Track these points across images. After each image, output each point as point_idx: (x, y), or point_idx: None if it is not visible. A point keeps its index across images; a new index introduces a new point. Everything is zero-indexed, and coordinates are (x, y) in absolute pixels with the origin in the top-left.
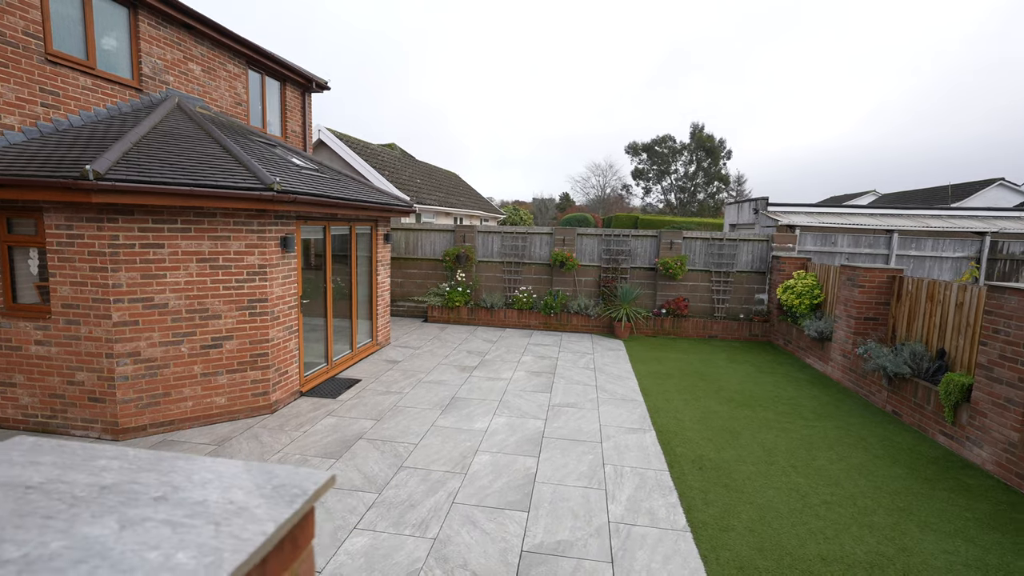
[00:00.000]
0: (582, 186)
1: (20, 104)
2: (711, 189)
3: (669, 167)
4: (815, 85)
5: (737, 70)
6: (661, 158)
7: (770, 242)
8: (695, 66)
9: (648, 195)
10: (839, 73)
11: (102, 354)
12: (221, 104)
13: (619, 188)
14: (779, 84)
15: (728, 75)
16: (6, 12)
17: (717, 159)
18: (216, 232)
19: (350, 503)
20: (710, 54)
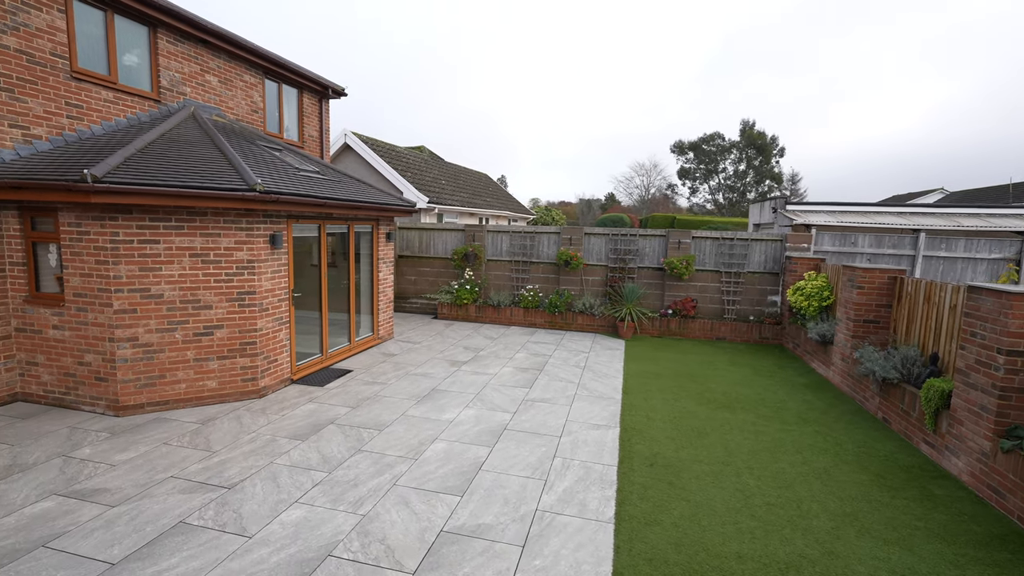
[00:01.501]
0: (625, 186)
1: (48, 117)
2: (762, 188)
3: (717, 166)
4: (882, 76)
5: (794, 63)
6: (708, 157)
7: (784, 242)
8: (747, 60)
9: (694, 195)
10: (908, 63)
11: (105, 338)
12: (237, 112)
13: (664, 188)
14: (842, 76)
15: (784, 68)
16: (36, 36)
17: (769, 157)
18: (207, 229)
19: (299, 480)
20: (764, 47)
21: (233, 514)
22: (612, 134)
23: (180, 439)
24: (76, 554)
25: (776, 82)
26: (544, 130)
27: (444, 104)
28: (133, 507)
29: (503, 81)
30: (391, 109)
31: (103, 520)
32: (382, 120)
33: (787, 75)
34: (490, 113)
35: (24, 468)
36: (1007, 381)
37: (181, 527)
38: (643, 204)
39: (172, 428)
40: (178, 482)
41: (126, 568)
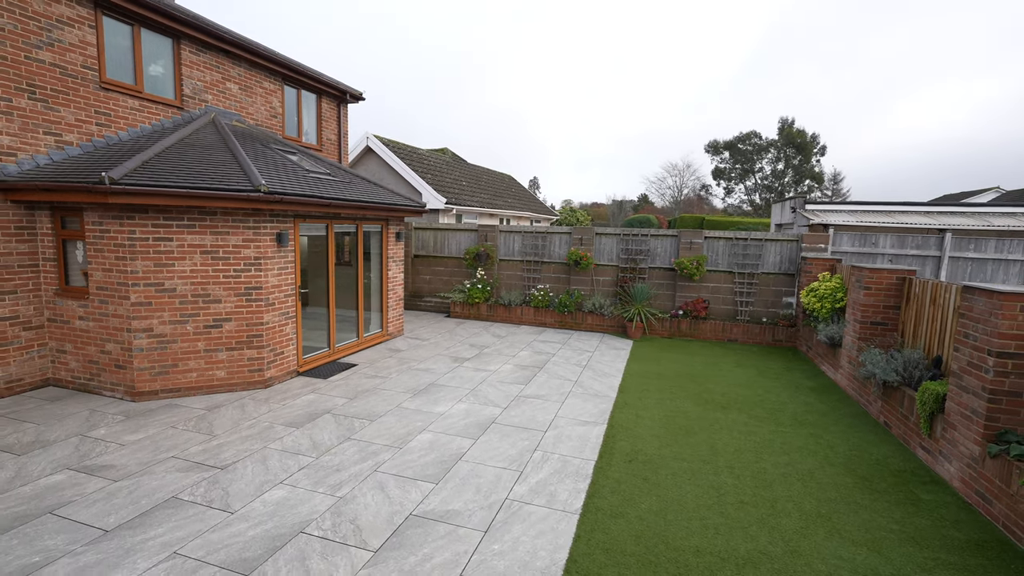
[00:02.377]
0: (657, 187)
1: (78, 124)
2: (801, 188)
3: (753, 166)
4: (934, 69)
5: (840, 57)
6: (744, 156)
7: (799, 242)
8: (788, 55)
9: (730, 196)
10: (959, 57)
11: (124, 329)
12: (257, 117)
13: (698, 189)
14: (890, 71)
15: (828, 63)
16: (68, 51)
17: (809, 156)
18: (217, 228)
19: (287, 463)
20: (807, 41)
21: (221, 492)
22: (645, 133)
23: (186, 423)
24: (76, 521)
25: (819, 78)
26: (576, 130)
27: (475, 105)
28: (133, 482)
29: (533, 80)
30: (424, 112)
31: (105, 493)
32: (415, 123)
33: (832, 70)
34: (521, 113)
35: (45, 444)
36: (996, 384)
37: (172, 501)
38: (676, 205)
39: (180, 413)
40: (177, 462)
41: (117, 535)
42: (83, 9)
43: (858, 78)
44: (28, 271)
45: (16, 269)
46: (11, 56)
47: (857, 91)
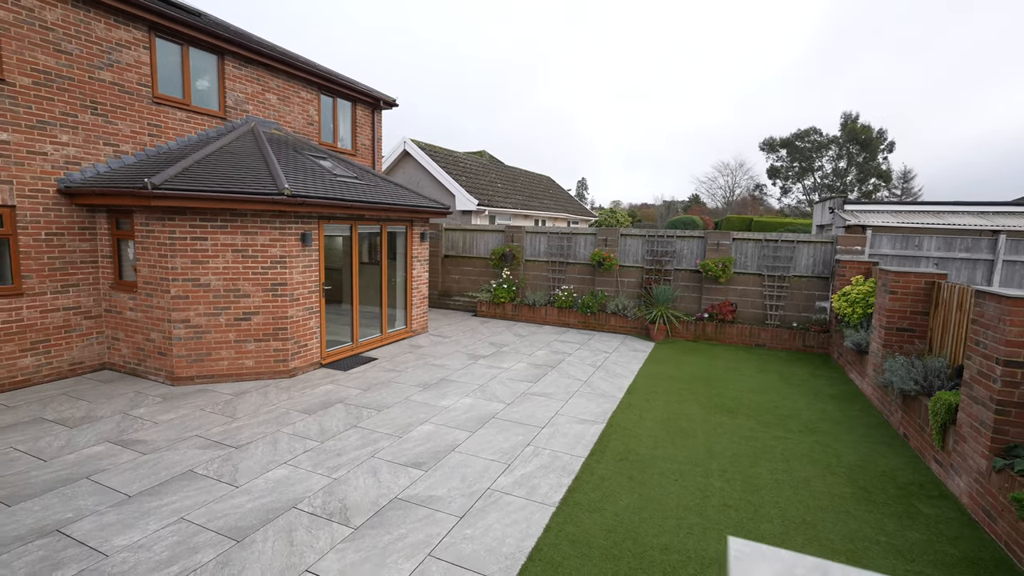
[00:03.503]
0: (708, 187)
1: (133, 136)
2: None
3: (812, 164)
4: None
5: (913, 45)
6: (802, 154)
7: (834, 244)
8: (853, 47)
9: (786, 195)
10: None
11: (165, 320)
12: (294, 125)
13: (751, 188)
14: (969, 61)
15: (898, 54)
16: (126, 71)
17: (875, 153)
18: (247, 228)
19: (294, 446)
20: (874, 31)
21: (231, 468)
22: (697, 132)
23: (213, 407)
24: (106, 486)
25: (888, 69)
26: (626, 129)
27: (523, 107)
28: (159, 456)
29: (583, 81)
30: (471, 116)
31: (134, 464)
32: (462, 127)
33: (904, 60)
34: (571, 114)
35: (93, 420)
36: (1004, 394)
37: (188, 474)
38: (728, 206)
39: (210, 398)
40: (199, 440)
41: (137, 500)
42: (139, 32)
43: (934, 69)
44: (89, 266)
45: (79, 265)
46: (77, 77)
47: (933, 83)
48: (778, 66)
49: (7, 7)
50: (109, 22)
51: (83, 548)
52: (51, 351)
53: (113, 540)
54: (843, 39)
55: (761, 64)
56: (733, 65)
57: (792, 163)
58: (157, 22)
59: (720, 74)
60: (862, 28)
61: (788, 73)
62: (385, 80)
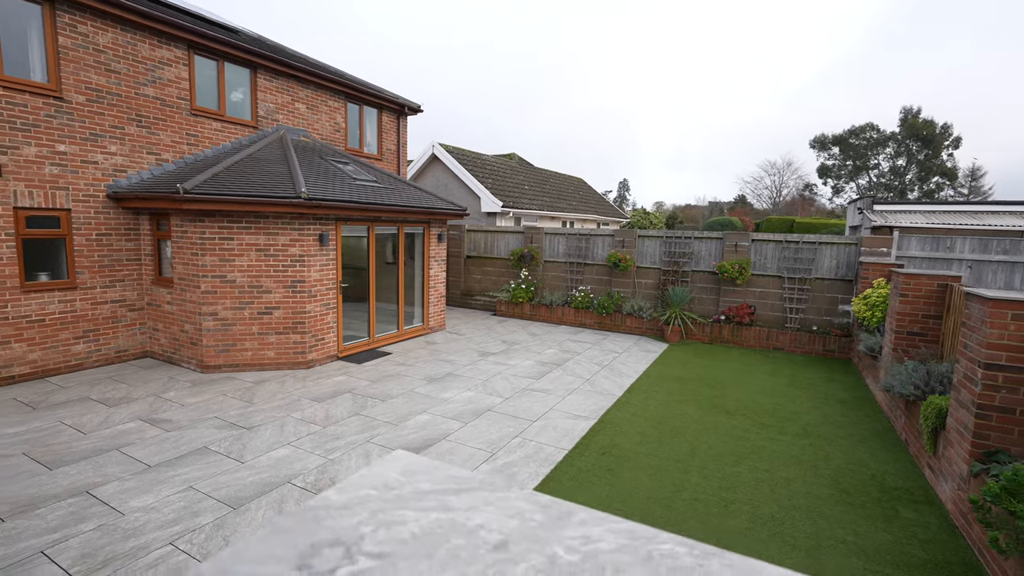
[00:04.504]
0: (753, 187)
1: (173, 145)
2: (927, 185)
3: (867, 161)
4: None
5: (985, 35)
6: (856, 151)
7: (858, 245)
8: (913, 37)
9: (838, 195)
10: None
11: (196, 312)
12: (322, 132)
13: (800, 188)
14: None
15: (973, 42)
16: (167, 86)
17: (938, 149)
18: (269, 229)
19: (299, 430)
20: (946, 15)
21: (240, 447)
22: (743, 131)
23: (235, 393)
24: (132, 457)
25: (957, 60)
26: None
27: (562, 108)
28: (180, 433)
29: (625, 80)
30: (509, 118)
31: (158, 439)
32: (500, 128)
33: (978, 49)
34: (612, 114)
35: (129, 400)
36: (985, 398)
37: (202, 450)
38: (775, 207)
39: (233, 384)
40: (217, 421)
41: (155, 470)
42: (179, 51)
43: (1017, 58)
44: (133, 264)
45: (125, 262)
46: (124, 93)
47: (1015, 73)
48: (829, 60)
49: (66, 34)
50: (153, 43)
51: (104, 507)
52: (100, 339)
53: (130, 502)
54: (905, 28)
55: (811, 59)
56: (782, 60)
57: (845, 161)
58: (195, 41)
59: (768, 70)
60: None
61: (840, 67)
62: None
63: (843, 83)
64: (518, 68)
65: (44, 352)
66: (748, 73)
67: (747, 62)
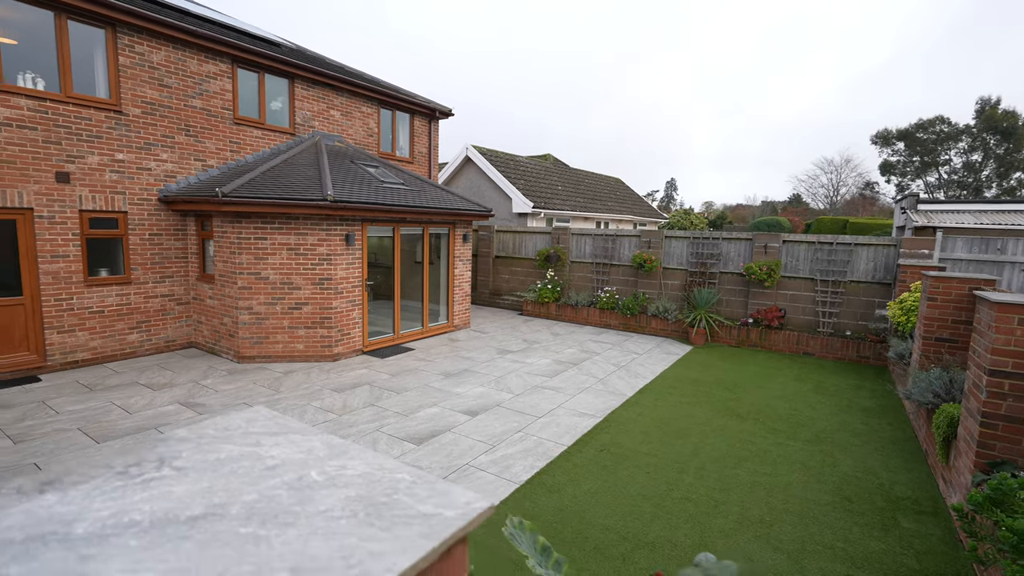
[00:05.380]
0: (808, 186)
1: (217, 152)
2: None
3: (937, 157)
4: None
5: None
6: (924, 147)
7: (897, 247)
8: (992, 21)
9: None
10: None
11: (233, 307)
12: (355, 137)
13: (861, 186)
14: None
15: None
16: (212, 98)
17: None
18: (299, 229)
19: (316, 417)
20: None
21: None
22: (798, 128)
23: (264, 382)
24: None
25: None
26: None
27: (612, 106)
28: (211, 417)
29: (675, 75)
30: (559, 119)
31: (190, 420)
32: (550, 129)
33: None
34: (662, 110)
35: (172, 386)
36: (990, 406)
37: None
38: (831, 207)
39: (264, 374)
40: (245, 407)
41: None
42: (224, 65)
43: None
44: (181, 262)
45: (173, 260)
46: (175, 105)
47: None
48: (892, 51)
49: (126, 54)
50: (200, 58)
51: None
52: (151, 330)
53: None
54: (983, 13)
55: (872, 50)
56: (841, 51)
57: (911, 157)
58: (238, 55)
59: (826, 64)
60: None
61: (906, 58)
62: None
63: (908, 75)
64: (572, 65)
65: (103, 340)
66: (805, 68)
67: (804, 56)
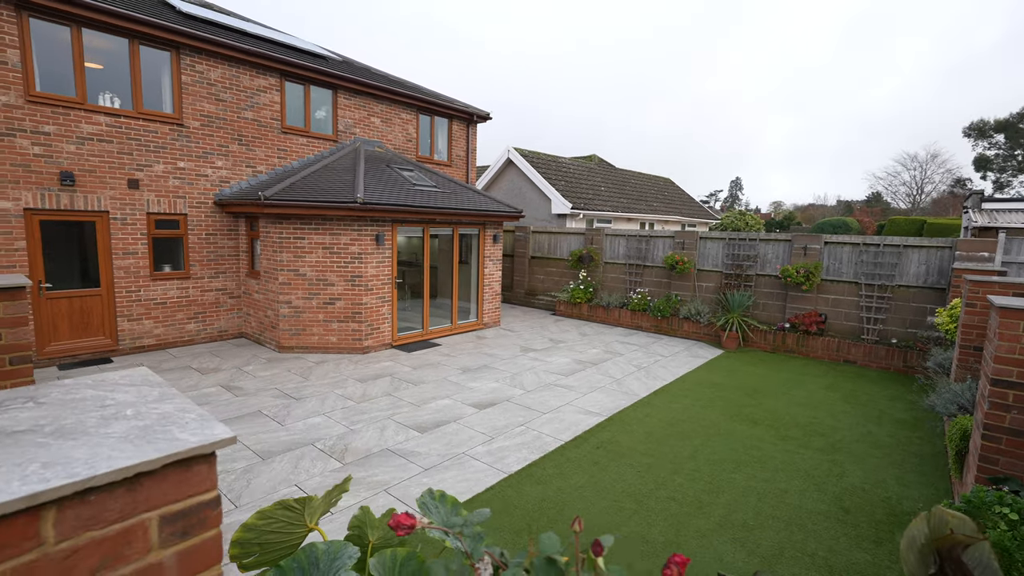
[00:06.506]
0: (887, 183)
1: (266, 158)
2: None
3: None
4: None
5: None
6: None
7: (953, 249)
8: None
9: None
10: None
11: (275, 301)
12: (394, 142)
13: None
14: None
15: None
16: (262, 109)
17: None
18: (333, 230)
19: (336, 404)
20: None
21: (285, 413)
22: (880, 122)
23: (297, 370)
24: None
25: None
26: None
27: (676, 103)
28: (245, 398)
29: (745, 67)
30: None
31: (227, 401)
32: (607, 130)
33: None
34: (729, 102)
35: (217, 371)
36: (993, 418)
37: (255, 413)
38: (914, 206)
39: (298, 363)
40: (275, 391)
41: None
42: (273, 79)
43: None
44: (232, 259)
45: (227, 257)
46: (229, 117)
47: None
48: (990, 36)
49: (187, 73)
50: (252, 74)
51: None
52: (206, 320)
53: None
54: None
55: (979, 33)
56: (938, 37)
57: (1012, 151)
58: (286, 70)
59: (917, 51)
60: None
61: (1002, 45)
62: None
63: (1015, 59)
64: (630, 58)
65: (165, 328)
66: (891, 57)
67: (889, 44)
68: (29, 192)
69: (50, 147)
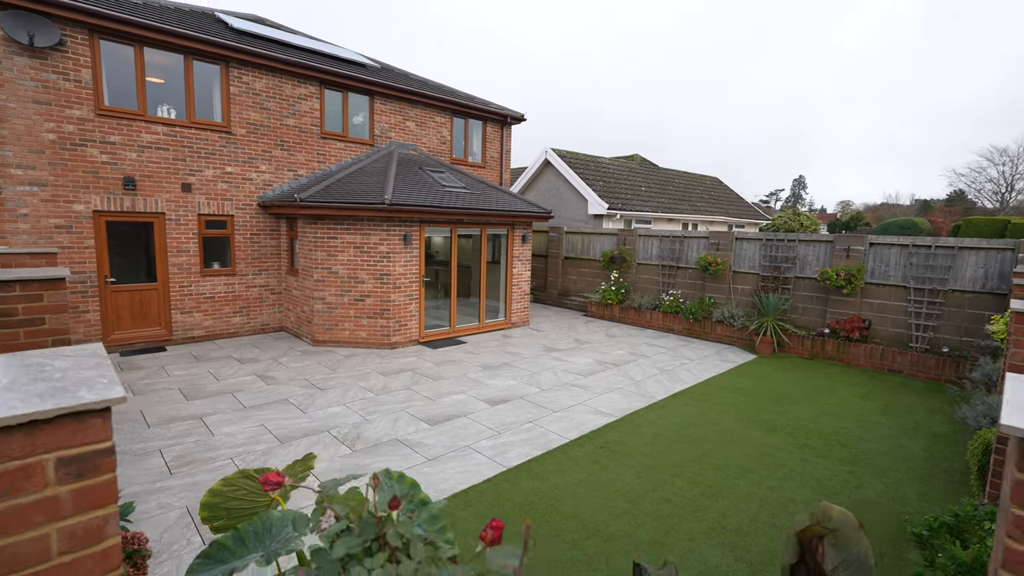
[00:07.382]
0: (971, 180)
1: (306, 163)
2: None
3: None
4: None
5: None
6: None
7: (1016, 251)
8: None
9: None
10: None
11: (311, 297)
12: (429, 145)
13: None
14: None
15: None
16: (303, 116)
17: None
18: (363, 230)
19: (357, 395)
20: None
21: (309, 401)
22: (964, 113)
23: (327, 362)
24: (237, 400)
25: None
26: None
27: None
28: (276, 387)
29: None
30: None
31: (259, 390)
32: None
33: None
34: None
35: (256, 361)
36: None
37: (282, 401)
38: (1003, 206)
39: (329, 356)
40: (304, 382)
41: (247, 410)
42: (313, 88)
43: None
44: (274, 257)
45: (269, 256)
46: (272, 124)
47: None
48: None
49: (235, 84)
50: (294, 83)
51: (205, 429)
52: (250, 314)
53: (221, 428)
54: None
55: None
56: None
57: None
58: (325, 78)
59: (1002, 35)
60: None
61: None
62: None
63: None
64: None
65: (213, 321)
66: (975, 44)
67: (973, 30)
68: (97, 196)
69: (115, 155)
